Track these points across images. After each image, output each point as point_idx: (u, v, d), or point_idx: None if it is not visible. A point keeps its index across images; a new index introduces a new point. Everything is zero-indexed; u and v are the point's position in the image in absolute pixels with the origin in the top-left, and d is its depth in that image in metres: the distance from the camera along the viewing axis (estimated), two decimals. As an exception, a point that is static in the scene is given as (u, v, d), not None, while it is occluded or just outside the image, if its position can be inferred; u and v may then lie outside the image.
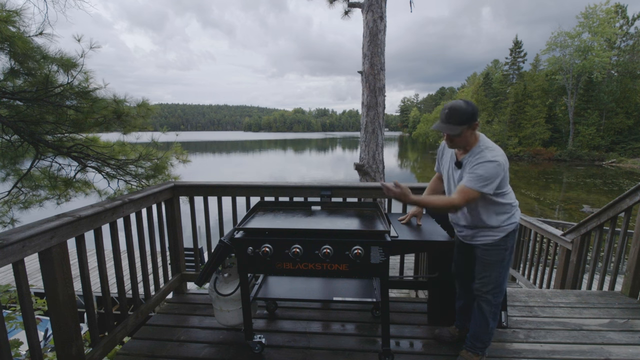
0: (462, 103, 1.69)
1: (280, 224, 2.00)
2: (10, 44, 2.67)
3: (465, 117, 1.66)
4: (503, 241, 1.81)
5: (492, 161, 1.65)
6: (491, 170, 1.65)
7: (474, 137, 1.76)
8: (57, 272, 1.59)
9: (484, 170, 1.65)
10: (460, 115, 1.67)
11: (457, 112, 1.67)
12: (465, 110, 1.66)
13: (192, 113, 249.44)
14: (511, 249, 1.85)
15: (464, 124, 1.67)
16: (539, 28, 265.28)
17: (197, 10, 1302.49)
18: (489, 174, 1.65)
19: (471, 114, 1.67)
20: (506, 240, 1.81)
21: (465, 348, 1.99)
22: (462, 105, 1.67)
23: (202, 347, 2.13)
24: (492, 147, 1.73)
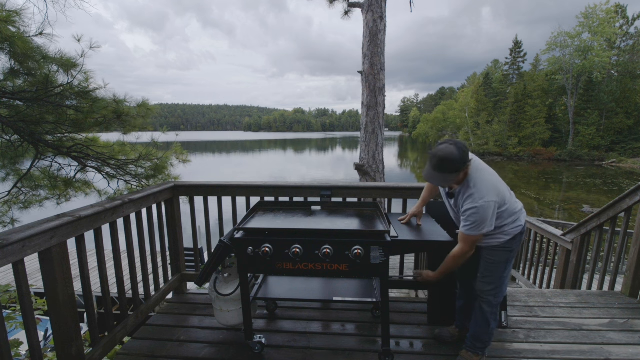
0: (453, 150, 1.60)
1: (280, 224, 2.00)
2: (10, 44, 2.67)
3: (457, 164, 1.61)
4: (509, 243, 1.81)
5: (478, 207, 1.63)
6: (482, 215, 1.65)
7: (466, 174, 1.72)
8: (57, 272, 1.59)
9: (475, 217, 1.65)
10: (454, 163, 1.60)
11: (451, 161, 1.60)
12: (457, 157, 1.59)
13: (192, 113, 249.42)
14: (516, 251, 1.86)
15: (459, 170, 1.63)
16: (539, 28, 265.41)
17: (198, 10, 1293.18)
18: (481, 218, 1.65)
19: (462, 159, 1.61)
20: (512, 242, 1.81)
21: (465, 348, 1.99)
22: (454, 152, 1.59)
23: (202, 347, 2.13)
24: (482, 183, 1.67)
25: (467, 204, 1.68)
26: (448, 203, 1.96)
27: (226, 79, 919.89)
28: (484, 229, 1.67)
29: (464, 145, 1.66)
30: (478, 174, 1.70)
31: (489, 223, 1.66)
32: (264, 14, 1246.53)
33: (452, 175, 1.65)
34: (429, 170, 1.68)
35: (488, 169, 1.77)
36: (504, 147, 42.64)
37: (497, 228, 1.78)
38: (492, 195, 1.66)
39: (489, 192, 1.65)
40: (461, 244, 1.74)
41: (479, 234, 1.68)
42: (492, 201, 1.65)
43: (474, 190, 1.67)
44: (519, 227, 1.80)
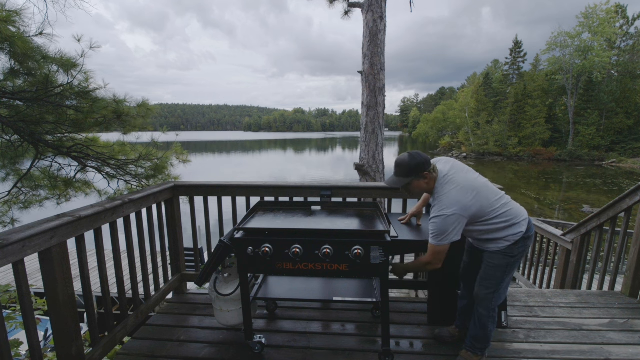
0: (405, 157, 1.78)
1: (280, 224, 2.00)
2: (10, 44, 2.67)
3: (408, 169, 1.76)
4: (509, 249, 1.80)
5: (439, 216, 1.69)
6: (441, 225, 1.68)
7: (431, 183, 1.79)
8: (57, 272, 1.59)
9: (435, 226, 1.70)
10: (404, 169, 1.77)
11: (401, 166, 1.79)
12: (409, 164, 1.75)
13: (192, 113, 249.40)
14: (519, 257, 1.83)
15: (410, 176, 1.77)
16: (538, 28, 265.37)
17: (198, 10, 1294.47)
18: (440, 228, 1.68)
19: (415, 166, 1.75)
20: (513, 248, 1.79)
21: (465, 348, 1.99)
22: (406, 159, 1.77)
23: (202, 347, 2.13)
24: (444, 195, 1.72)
25: (432, 213, 1.76)
26: None
27: (226, 79, 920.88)
28: (445, 240, 1.69)
29: (420, 156, 1.77)
30: (443, 188, 1.75)
31: (450, 234, 1.68)
32: (264, 14, 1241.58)
33: (402, 180, 1.80)
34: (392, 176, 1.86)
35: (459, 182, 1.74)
36: (504, 147, 42.64)
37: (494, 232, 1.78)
38: (452, 207, 1.67)
39: (449, 205, 1.69)
40: (427, 253, 1.78)
41: (441, 244, 1.70)
42: (451, 212, 1.67)
43: (437, 202, 1.75)
44: (519, 234, 1.77)
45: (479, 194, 1.72)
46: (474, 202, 1.70)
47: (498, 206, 1.75)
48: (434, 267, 1.79)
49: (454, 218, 1.67)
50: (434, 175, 1.78)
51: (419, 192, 1.85)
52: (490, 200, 1.74)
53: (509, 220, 1.76)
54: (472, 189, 1.72)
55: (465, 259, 2.12)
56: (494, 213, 1.74)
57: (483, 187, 1.76)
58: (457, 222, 1.67)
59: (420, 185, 1.80)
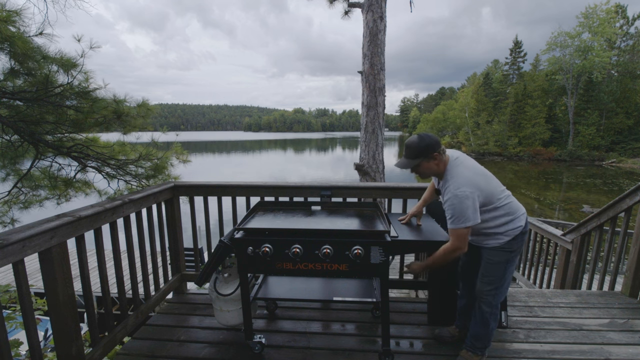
0: (415, 138, 1.80)
1: (280, 224, 2.00)
2: (10, 44, 2.67)
3: (418, 150, 1.77)
4: (509, 244, 1.81)
5: (452, 196, 1.70)
6: (459, 204, 1.68)
7: (441, 165, 1.80)
8: (57, 272, 1.59)
9: (452, 209, 1.70)
10: (414, 150, 1.78)
11: (410, 147, 1.80)
12: (418, 144, 1.76)
13: (192, 113, 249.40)
14: (517, 252, 1.85)
15: (419, 157, 1.78)
16: (538, 28, 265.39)
17: (198, 10, 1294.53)
18: (459, 209, 1.68)
19: (424, 147, 1.75)
20: (512, 243, 1.81)
21: (465, 348, 1.99)
22: (415, 140, 1.78)
23: (202, 347, 2.13)
24: (457, 176, 1.73)
25: (445, 195, 1.76)
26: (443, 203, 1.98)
27: (226, 79, 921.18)
28: (467, 221, 1.67)
29: (429, 137, 1.78)
30: (455, 169, 1.77)
31: (470, 215, 1.67)
32: (264, 14, 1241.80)
33: (413, 161, 1.79)
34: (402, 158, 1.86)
35: (470, 166, 1.79)
36: (504, 147, 42.64)
37: (495, 227, 1.79)
38: (467, 187, 1.69)
39: (463, 184, 1.70)
40: (451, 239, 1.76)
41: (463, 226, 1.68)
42: (467, 192, 1.67)
43: (450, 182, 1.75)
44: (518, 228, 1.80)
45: (489, 178, 1.78)
46: (485, 184, 1.73)
47: (502, 196, 1.79)
48: (461, 251, 1.75)
49: (470, 197, 1.67)
50: (444, 157, 1.79)
51: (429, 173, 1.85)
52: (497, 189, 1.78)
53: (510, 213, 1.79)
54: (482, 173, 1.77)
55: (463, 257, 2.11)
56: (499, 202, 1.77)
57: (490, 176, 1.81)
58: (473, 201, 1.68)
59: (430, 167, 1.80)
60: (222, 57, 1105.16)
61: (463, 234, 1.70)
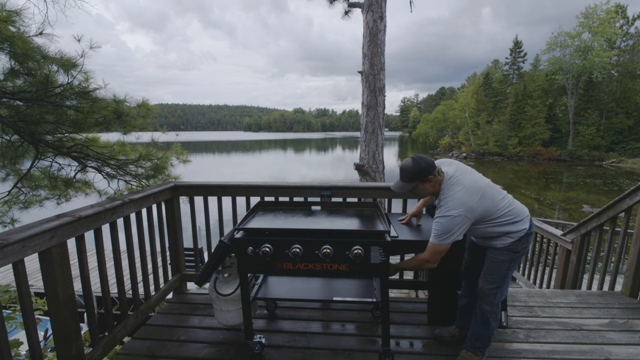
0: (409, 162, 1.81)
1: (280, 224, 2.00)
2: (10, 44, 2.67)
3: (412, 174, 1.79)
4: (514, 245, 1.82)
5: (445, 216, 1.71)
6: (446, 225, 1.70)
7: (437, 186, 1.82)
8: (57, 272, 1.59)
9: (439, 226, 1.72)
10: (408, 174, 1.80)
11: (405, 171, 1.82)
12: (412, 168, 1.78)
13: (192, 113, 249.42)
14: (522, 253, 1.85)
15: (414, 180, 1.80)
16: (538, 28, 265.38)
17: (198, 10, 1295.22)
18: (445, 229, 1.70)
19: (418, 171, 1.77)
20: (517, 244, 1.82)
21: (465, 348, 1.99)
22: (410, 165, 1.80)
23: (202, 347, 2.13)
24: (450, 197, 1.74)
25: (437, 213, 1.77)
26: None
27: (226, 79, 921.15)
28: (448, 239, 1.71)
29: (424, 160, 1.78)
30: (449, 189, 1.77)
31: (454, 235, 1.70)
32: (264, 15, 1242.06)
33: (409, 185, 1.82)
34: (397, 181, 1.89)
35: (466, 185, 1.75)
36: (504, 147, 42.63)
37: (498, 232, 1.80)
38: (459, 209, 1.69)
39: (455, 206, 1.71)
40: (427, 251, 1.79)
41: (442, 244, 1.72)
42: (457, 213, 1.69)
43: (443, 202, 1.76)
44: (523, 231, 1.81)
45: (485, 194, 1.75)
46: (479, 203, 1.72)
47: (502, 205, 1.78)
48: (431, 265, 1.80)
49: (460, 219, 1.69)
50: (439, 178, 1.80)
51: (425, 194, 1.89)
52: (495, 200, 1.77)
53: (513, 218, 1.79)
54: (477, 191, 1.74)
55: (467, 256, 2.13)
56: (499, 212, 1.77)
57: (488, 188, 1.78)
58: (462, 223, 1.69)
59: (426, 188, 1.83)
60: (223, 57, 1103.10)
61: (440, 250, 1.74)
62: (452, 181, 1.78)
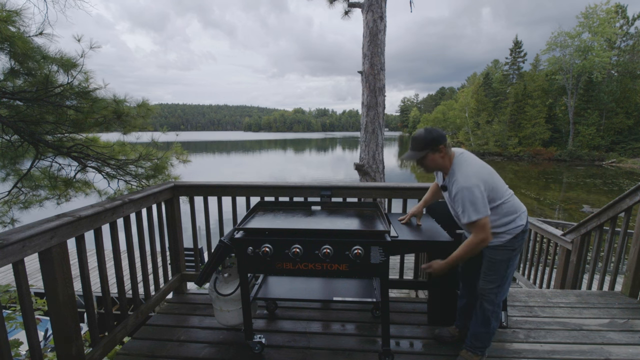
0: (422, 131, 1.83)
1: (280, 224, 2.00)
2: (10, 44, 2.67)
3: (424, 142, 1.78)
4: (510, 242, 1.83)
5: (464, 188, 1.71)
6: (470, 195, 1.69)
7: (446, 159, 1.82)
8: (57, 272, 1.59)
9: (464, 202, 1.71)
10: (420, 141, 1.80)
11: (417, 139, 1.81)
12: (425, 137, 1.79)
13: (192, 113, 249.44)
14: (519, 250, 1.86)
15: (425, 149, 1.79)
16: (538, 29, 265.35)
17: (198, 10, 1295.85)
18: (471, 198, 1.69)
19: (431, 139, 1.77)
20: (514, 241, 1.83)
21: (465, 348, 1.99)
22: (422, 133, 1.81)
23: (202, 347, 2.13)
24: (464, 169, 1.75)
25: (454, 189, 1.76)
26: (447, 201, 1.97)
27: (226, 79, 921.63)
28: (482, 210, 1.68)
29: (436, 130, 1.81)
30: (462, 163, 1.80)
31: (482, 204, 1.68)
32: (264, 15, 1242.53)
33: (419, 153, 1.81)
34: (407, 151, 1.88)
35: (476, 162, 1.82)
36: (504, 147, 42.63)
37: (498, 227, 1.80)
38: (474, 180, 1.71)
39: (471, 176, 1.73)
40: (474, 232, 1.73)
41: (482, 216, 1.68)
42: (475, 184, 1.70)
43: (458, 175, 1.77)
44: (520, 227, 1.82)
45: (493, 174, 1.80)
46: (490, 178, 1.76)
47: (506, 193, 1.81)
48: (488, 241, 1.74)
49: (479, 189, 1.69)
50: (449, 151, 1.82)
51: (434, 166, 1.86)
52: (502, 185, 1.81)
53: (513, 211, 1.81)
54: (487, 168, 1.80)
55: None
56: (503, 198, 1.79)
57: (494, 172, 1.83)
58: (481, 193, 1.69)
59: (436, 159, 1.81)
60: (223, 57, 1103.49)
61: (484, 223, 1.69)
62: (463, 158, 1.81)
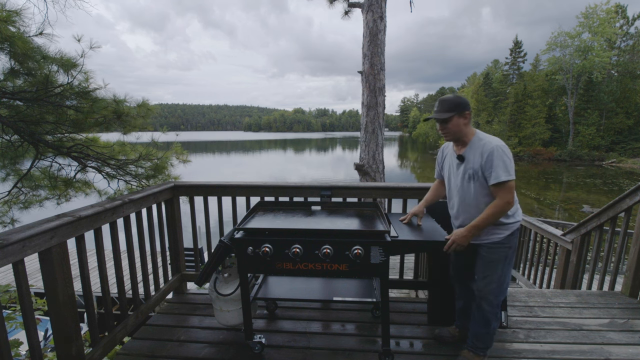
0: (450, 95, 1.83)
1: (280, 224, 2.00)
2: (10, 44, 2.67)
3: (453, 104, 1.77)
4: (507, 239, 1.81)
5: (499, 147, 1.69)
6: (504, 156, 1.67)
7: (469, 129, 1.82)
8: (57, 272, 1.59)
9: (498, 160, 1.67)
10: (449, 103, 1.79)
11: (445, 100, 1.81)
12: (453, 99, 1.79)
13: (192, 113, 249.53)
14: (514, 248, 1.85)
15: (453, 110, 1.77)
16: (538, 29, 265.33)
17: (199, 10, 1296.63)
18: (504, 159, 1.67)
19: (459, 102, 1.77)
20: (510, 238, 1.82)
21: (467, 348, 1.99)
22: (450, 96, 1.81)
23: (202, 347, 2.13)
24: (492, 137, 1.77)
25: (486, 150, 1.71)
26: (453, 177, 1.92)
27: (226, 79, 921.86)
28: (512, 172, 1.67)
29: (464, 97, 1.81)
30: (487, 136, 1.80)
31: (511, 167, 1.67)
32: (264, 15, 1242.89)
33: (446, 114, 1.78)
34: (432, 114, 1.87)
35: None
36: (504, 147, 42.57)
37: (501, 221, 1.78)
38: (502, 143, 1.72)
39: (498, 140, 1.73)
40: (501, 194, 1.69)
41: (512, 178, 1.66)
42: (504, 146, 1.71)
43: (485, 140, 1.76)
44: (518, 222, 1.83)
45: None
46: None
47: None
48: (512, 205, 1.72)
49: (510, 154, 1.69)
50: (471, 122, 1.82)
51: (456, 131, 1.80)
52: None
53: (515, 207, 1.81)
54: None
55: (455, 259, 2.09)
56: None
57: None
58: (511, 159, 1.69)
59: (459, 124, 1.78)
60: (223, 57, 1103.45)
61: (511, 186, 1.68)
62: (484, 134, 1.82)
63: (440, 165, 2.11)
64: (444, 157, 2.06)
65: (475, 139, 1.80)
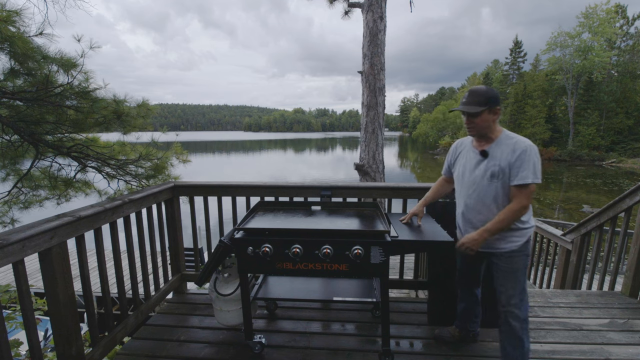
0: (483, 87, 1.70)
1: (280, 224, 2.00)
2: (10, 44, 2.67)
3: (485, 98, 1.66)
4: (524, 247, 1.72)
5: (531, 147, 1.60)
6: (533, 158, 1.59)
7: (496, 126, 1.72)
8: (57, 272, 1.59)
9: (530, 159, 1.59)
10: (480, 96, 1.66)
11: (476, 92, 1.68)
12: (486, 91, 1.67)
13: (192, 113, 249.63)
14: (529, 256, 1.77)
15: (484, 105, 1.66)
16: (538, 29, 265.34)
17: (199, 10, 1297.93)
18: (534, 161, 1.59)
19: (492, 96, 1.66)
20: (527, 245, 1.73)
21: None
22: (483, 88, 1.69)
23: (202, 347, 2.13)
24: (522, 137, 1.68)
25: (519, 147, 1.62)
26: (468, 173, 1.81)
27: (226, 79, 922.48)
28: (539, 175, 1.59)
29: (495, 91, 1.70)
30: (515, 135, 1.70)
31: (539, 170, 1.60)
32: (264, 15, 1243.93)
33: (476, 107, 1.66)
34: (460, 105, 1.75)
35: None
36: (504, 147, 42.57)
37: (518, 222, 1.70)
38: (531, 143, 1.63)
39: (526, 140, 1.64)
40: (519, 197, 1.61)
41: (536, 182, 1.58)
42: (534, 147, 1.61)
43: (517, 138, 1.66)
44: (532, 228, 1.75)
45: None
46: None
47: None
48: (527, 210, 1.65)
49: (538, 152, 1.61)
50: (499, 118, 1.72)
51: (483, 126, 1.70)
52: None
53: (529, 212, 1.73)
54: None
55: (462, 265, 2.05)
56: None
57: None
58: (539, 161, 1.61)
59: (488, 120, 1.68)
60: (223, 57, 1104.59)
61: (532, 190, 1.60)
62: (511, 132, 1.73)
63: (451, 161, 2.01)
64: (457, 153, 1.97)
65: (503, 136, 1.71)
